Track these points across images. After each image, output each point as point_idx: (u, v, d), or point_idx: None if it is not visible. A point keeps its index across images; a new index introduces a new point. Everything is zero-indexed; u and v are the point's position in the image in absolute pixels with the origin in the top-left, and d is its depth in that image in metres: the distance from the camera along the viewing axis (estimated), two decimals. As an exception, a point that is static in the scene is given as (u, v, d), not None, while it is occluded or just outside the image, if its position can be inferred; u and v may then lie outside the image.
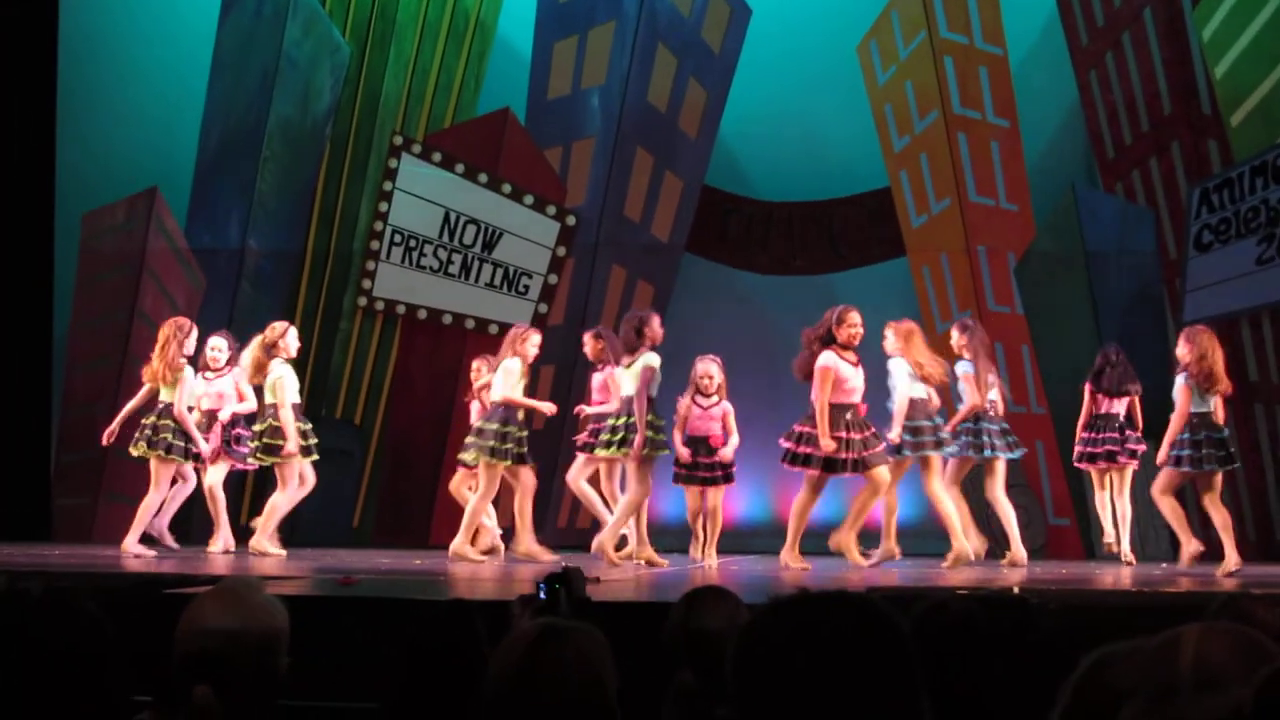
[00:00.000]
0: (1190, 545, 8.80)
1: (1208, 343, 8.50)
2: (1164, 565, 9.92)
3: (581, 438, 9.70)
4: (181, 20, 12.13)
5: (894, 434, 8.83)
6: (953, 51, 11.81)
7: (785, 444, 8.74)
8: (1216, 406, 8.53)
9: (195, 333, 9.51)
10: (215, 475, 9.50)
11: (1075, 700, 2.03)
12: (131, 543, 9.17)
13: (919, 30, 11.83)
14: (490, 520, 9.76)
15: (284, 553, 9.36)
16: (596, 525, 9.62)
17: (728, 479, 9.17)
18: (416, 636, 3.07)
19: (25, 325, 11.64)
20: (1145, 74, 11.69)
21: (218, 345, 9.64)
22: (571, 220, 11.77)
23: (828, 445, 8.37)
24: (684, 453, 8.99)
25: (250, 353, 9.37)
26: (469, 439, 9.35)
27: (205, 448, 9.33)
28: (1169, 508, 8.71)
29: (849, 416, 8.52)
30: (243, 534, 9.80)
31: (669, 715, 2.84)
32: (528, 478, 9.37)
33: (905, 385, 8.88)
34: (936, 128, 11.78)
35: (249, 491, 11.21)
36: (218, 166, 11.85)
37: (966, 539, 9.00)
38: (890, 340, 9.02)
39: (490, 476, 9.18)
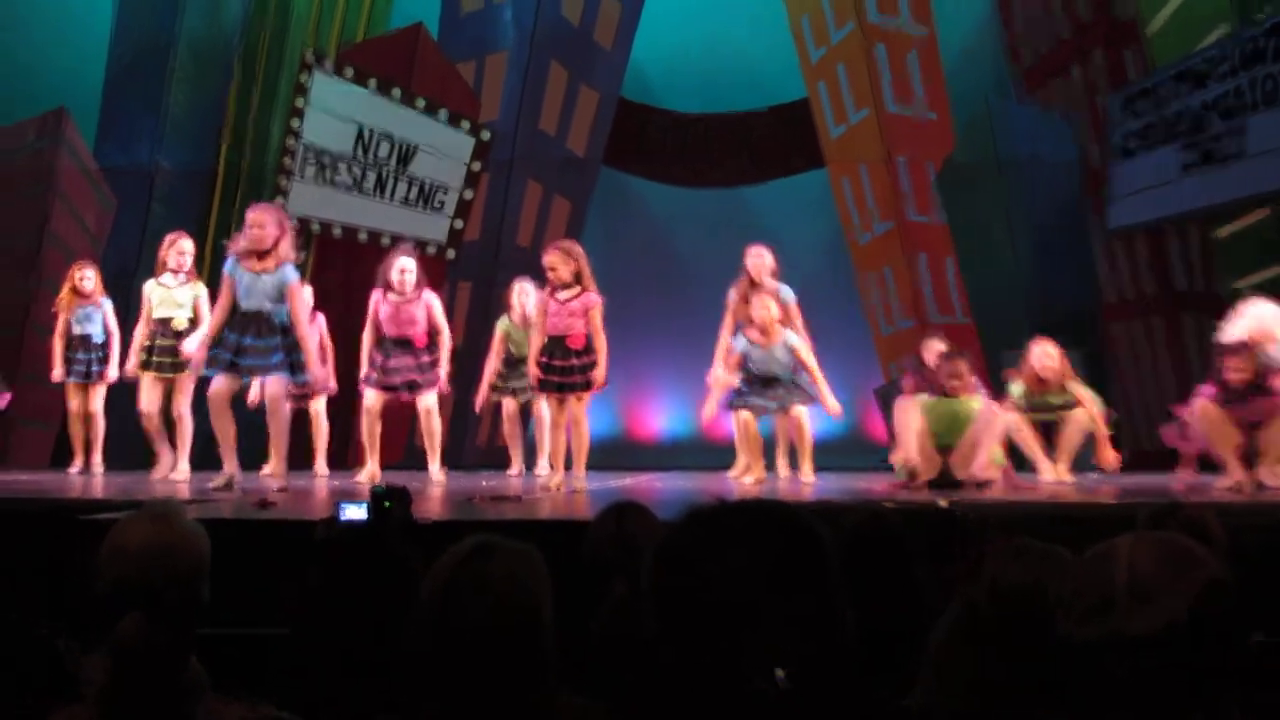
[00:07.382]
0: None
1: None
2: (1092, 476, 9.86)
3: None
4: (87, -64, 11.92)
5: None
6: (869, -41, 11.65)
7: None
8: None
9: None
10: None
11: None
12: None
13: (834, -62, 11.66)
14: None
15: None
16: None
17: (588, 385, 7.44)
18: (327, 558, 2.96)
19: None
20: (1063, -20, 11.56)
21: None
22: (486, 135, 11.61)
23: None
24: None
25: None
26: None
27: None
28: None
29: None
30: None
31: (604, 626, 2.80)
32: None
33: None
34: (853, 38, 11.63)
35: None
36: (127, 84, 11.65)
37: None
38: None
39: None
